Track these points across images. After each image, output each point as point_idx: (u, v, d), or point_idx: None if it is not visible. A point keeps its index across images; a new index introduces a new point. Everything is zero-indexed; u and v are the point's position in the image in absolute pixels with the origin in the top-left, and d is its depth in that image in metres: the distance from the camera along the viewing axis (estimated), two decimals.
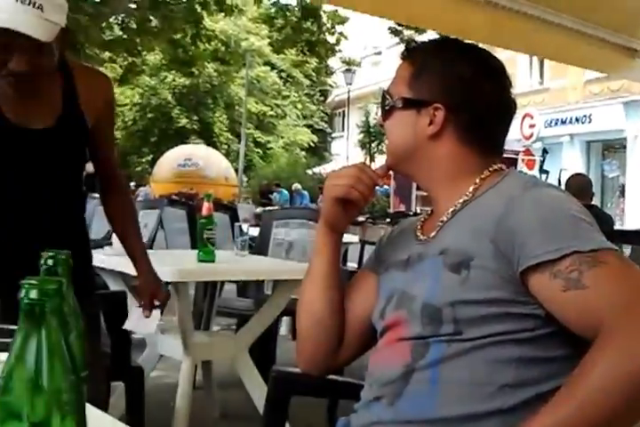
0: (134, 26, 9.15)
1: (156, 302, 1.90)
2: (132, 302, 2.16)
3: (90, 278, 1.87)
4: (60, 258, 0.82)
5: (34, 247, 0.83)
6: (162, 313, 1.96)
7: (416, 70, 1.14)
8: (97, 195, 2.00)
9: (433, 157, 1.13)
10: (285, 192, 19.97)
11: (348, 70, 22.79)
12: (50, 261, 0.81)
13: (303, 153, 31.19)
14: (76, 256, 0.84)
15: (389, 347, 1.08)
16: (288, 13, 10.69)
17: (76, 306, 0.84)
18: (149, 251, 3.09)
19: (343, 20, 12.20)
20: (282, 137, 31.03)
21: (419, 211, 12.19)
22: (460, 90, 1.11)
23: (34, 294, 0.62)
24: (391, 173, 1.24)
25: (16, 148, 1.63)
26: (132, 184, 18.36)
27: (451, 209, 1.10)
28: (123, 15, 8.97)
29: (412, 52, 1.18)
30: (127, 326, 2.07)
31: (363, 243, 6.17)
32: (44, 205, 1.69)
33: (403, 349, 1.05)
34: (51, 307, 0.63)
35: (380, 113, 1.21)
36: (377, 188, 1.22)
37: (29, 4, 1.44)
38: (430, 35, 7.44)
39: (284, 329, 4.56)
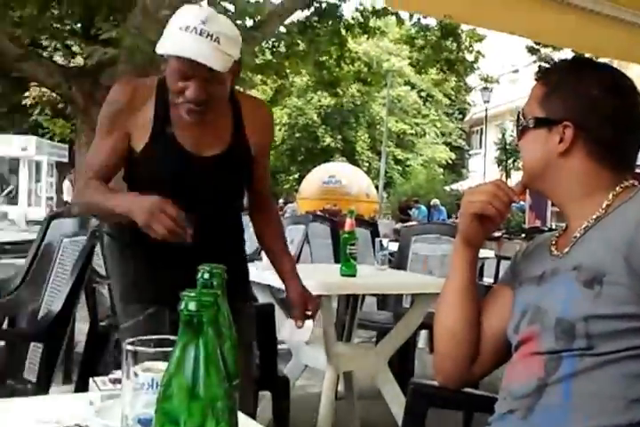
0: (283, 49, 9.46)
1: (308, 312, 1.91)
2: (280, 314, 2.20)
3: (247, 291, 1.92)
4: (216, 272, 0.85)
5: (201, 263, 0.87)
6: (313, 322, 1.96)
7: (548, 90, 1.16)
8: None
9: (564, 175, 1.13)
10: (424, 208, 19.78)
11: (485, 88, 22.35)
12: (206, 275, 0.84)
13: (441, 170, 30.83)
14: (235, 271, 0.86)
15: (523, 361, 1.08)
16: (428, 33, 10.66)
17: (230, 317, 0.86)
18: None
19: (481, 38, 12.01)
20: (421, 154, 30.85)
21: (554, 226, 11.74)
22: (589, 108, 1.12)
23: (192, 305, 0.64)
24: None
25: (189, 173, 1.71)
26: (280, 201, 18.89)
27: (583, 225, 1.10)
28: (273, 40, 9.31)
29: (546, 73, 1.21)
30: (282, 336, 2.10)
31: (499, 258, 5.99)
32: (213, 224, 1.74)
33: (536, 363, 1.05)
34: (207, 318, 0.65)
35: (515, 132, 1.23)
36: (512, 204, 1.20)
37: (207, 37, 1.54)
38: (566, 53, 7.18)
39: (421, 342, 4.49)
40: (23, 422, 0.97)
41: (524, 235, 9.00)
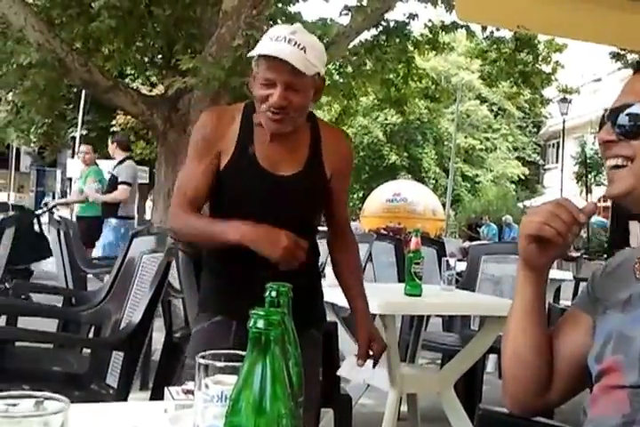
0: (350, 70, 9.54)
1: (371, 352, 1.92)
2: (342, 334, 2.22)
3: (320, 310, 1.96)
4: (283, 290, 0.89)
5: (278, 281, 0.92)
6: (374, 366, 1.96)
7: None
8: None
9: None
10: (494, 226, 19.44)
11: (563, 99, 21.78)
12: (273, 293, 0.88)
13: (513, 186, 30.26)
14: (309, 289, 0.90)
15: (606, 394, 1.02)
16: (502, 46, 10.50)
17: (295, 335, 0.90)
18: None
19: (561, 49, 11.69)
20: (491, 170, 30.38)
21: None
22: None
23: (260, 323, 0.68)
24: (609, 203, 1.15)
25: (266, 191, 1.79)
26: None
27: None
28: (339, 61, 9.41)
29: None
30: (340, 372, 2.11)
31: (577, 280, 5.83)
32: None
33: (620, 397, 0.98)
34: (274, 336, 0.68)
35: (614, 130, 1.07)
36: (592, 220, 1.12)
37: (295, 45, 1.65)
38: None
39: (490, 366, 4.42)
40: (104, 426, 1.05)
41: (606, 255, 8.64)
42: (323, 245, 2.01)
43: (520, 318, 1.16)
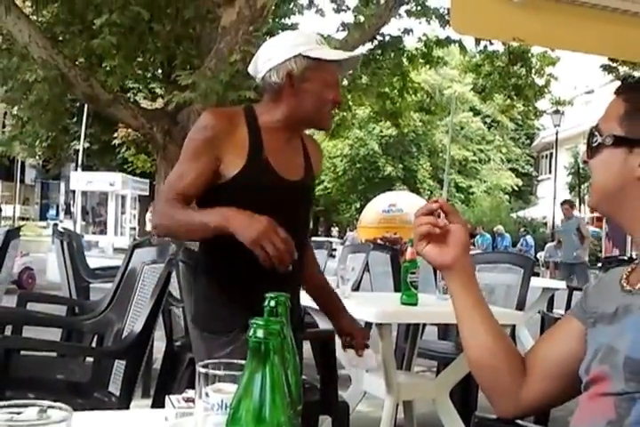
0: (346, 83, 9.60)
1: (365, 342, 1.95)
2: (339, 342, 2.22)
3: (300, 316, 1.98)
4: (281, 300, 0.89)
5: (275, 288, 0.92)
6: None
7: (631, 108, 1.07)
8: None
9: (639, 201, 1.05)
10: (487, 236, 19.48)
11: (556, 111, 21.83)
12: (272, 303, 0.88)
13: (506, 197, 30.32)
14: (296, 296, 0.90)
15: (592, 402, 1.02)
16: (496, 60, 10.53)
17: (294, 343, 0.90)
18: (355, 293, 3.18)
19: (554, 62, 11.72)
20: (484, 181, 30.46)
21: (634, 255, 11.12)
22: None
23: (260, 333, 0.68)
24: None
25: (280, 196, 1.76)
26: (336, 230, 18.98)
27: None
28: None
29: (629, 89, 1.11)
30: (347, 364, 2.11)
31: (570, 289, 5.82)
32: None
33: (606, 404, 0.98)
34: (274, 345, 0.68)
35: (585, 149, 1.14)
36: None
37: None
38: None
39: None
40: None
41: (600, 264, 8.65)
42: (321, 255, 2.02)
43: (461, 322, 1.16)
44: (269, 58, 1.74)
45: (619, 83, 1.24)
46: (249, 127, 1.75)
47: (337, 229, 19.68)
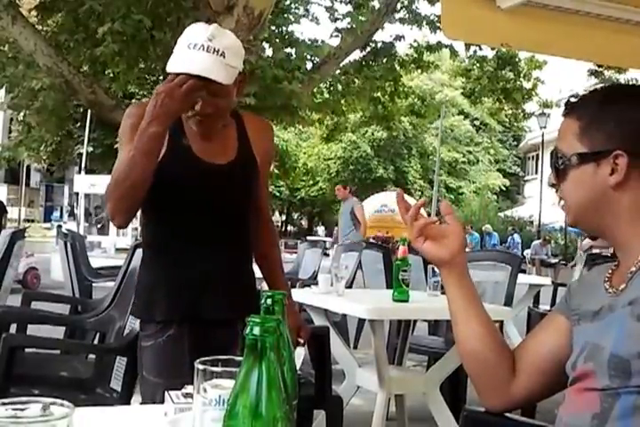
0: (340, 88, 9.61)
1: (300, 340, 1.84)
2: (335, 337, 2.22)
3: (255, 304, 1.92)
4: (278, 298, 0.88)
5: (214, 274, 0.90)
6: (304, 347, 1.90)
7: (585, 123, 1.07)
8: None
9: (618, 207, 1.05)
10: (476, 235, 19.51)
11: (542, 114, 21.86)
12: (269, 301, 0.88)
13: (495, 197, 30.39)
14: (244, 283, 0.85)
15: (578, 396, 1.02)
16: (485, 64, 10.53)
17: (289, 340, 0.89)
18: (348, 290, 3.17)
19: (541, 66, 11.71)
20: (473, 182, 30.52)
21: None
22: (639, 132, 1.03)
23: (257, 330, 0.68)
24: None
25: (205, 180, 1.73)
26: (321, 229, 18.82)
27: None
28: (330, 80, 9.46)
29: (575, 108, 1.11)
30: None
31: (555, 285, 5.84)
32: (224, 231, 1.76)
33: (591, 399, 0.99)
34: (270, 342, 0.68)
35: (552, 176, 1.13)
36: (570, 229, 1.15)
37: (214, 53, 1.60)
38: (633, 74, 6.96)
39: None
40: None
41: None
42: (315, 254, 2.00)
43: (454, 316, 1.17)
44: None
45: (602, 85, 1.24)
46: None
47: (323, 228, 19.66)
